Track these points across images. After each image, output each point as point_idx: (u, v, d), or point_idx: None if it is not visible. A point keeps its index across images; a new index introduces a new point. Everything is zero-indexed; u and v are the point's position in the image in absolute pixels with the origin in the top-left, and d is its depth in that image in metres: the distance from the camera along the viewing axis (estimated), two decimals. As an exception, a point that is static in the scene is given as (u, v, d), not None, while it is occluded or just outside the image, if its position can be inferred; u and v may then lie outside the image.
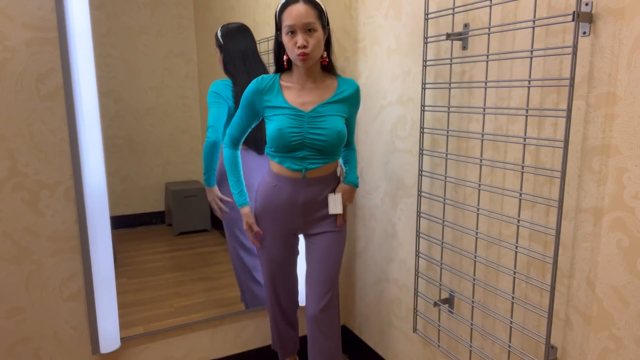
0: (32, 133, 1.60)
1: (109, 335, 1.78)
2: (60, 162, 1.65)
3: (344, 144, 1.62)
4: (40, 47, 1.57)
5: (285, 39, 1.48)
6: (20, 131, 1.58)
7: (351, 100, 1.62)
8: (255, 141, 1.90)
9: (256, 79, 1.58)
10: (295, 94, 1.56)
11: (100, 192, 1.67)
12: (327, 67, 1.60)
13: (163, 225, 2.00)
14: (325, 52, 1.55)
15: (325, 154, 1.59)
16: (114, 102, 1.78)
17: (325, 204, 1.65)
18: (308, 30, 1.45)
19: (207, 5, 1.89)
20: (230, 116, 1.84)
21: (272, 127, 1.54)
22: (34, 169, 1.62)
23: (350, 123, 1.68)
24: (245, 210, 1.67)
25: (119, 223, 1.84)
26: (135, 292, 1.91)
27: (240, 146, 1.69)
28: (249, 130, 1.66)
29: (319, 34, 1.47)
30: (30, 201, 1.62)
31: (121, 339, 1.82)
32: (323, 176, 1.62)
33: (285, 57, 1.56)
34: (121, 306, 1.81)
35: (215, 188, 1.92)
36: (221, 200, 1.93)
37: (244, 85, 1.74)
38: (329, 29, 1.55)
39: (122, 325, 1.83)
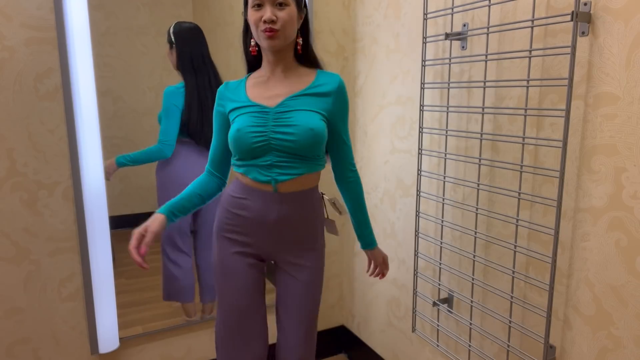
0: (30, 133, 1.60)
1: (108, 335, 1.78)
2: (58, 162, 1.65)
3: (321, 148, 1.30)
4: (39, 46, 1.57)
5: (250, 13, 1.22)
6: (19, 131, 1.58)
7: (333, 98, 1.30)
8: (201, 133, 1.88)
9: (220, 87, 1.36)
10: (262, 89, 1.30)
11: (99, 192, 1.67)
12: (305, 58, 1.34)
13: (162, 225, 2.00)
14: (301, 38, 1.30)
15: (299, 160, 1.28)
16: (113, 102, 1.78)
17: (302, 228, 1.35)
18: (278, 4, 1.20)
19: (205, 4, 1.89)
20: (181, 123, 1.86)
21: (231, 130, 1.28)
22: (33, 169, 1.61)
23: (338, 130, 1.34)
24: (159, 217, 1.28)
25: (118, 223, 1.84)
26: (134, 292, 1.90)
27: (217, 172, 1.40)
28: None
29: (292, 9, 1.22)
30: (29, 201, 1.62)
31: (120, 339, 1.82)
32: (300, 192, 1.31)
33: (252, 42, 1.30)
34: (120, 306, 1.81)
35: (115, 166, 1.83)
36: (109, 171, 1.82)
37: (191, 87, 1.81)
38: (306, 12, 1.30)
39: (121, 325, 1.82)
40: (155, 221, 1.27)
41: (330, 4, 2.06)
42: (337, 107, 1.31)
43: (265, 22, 1.19)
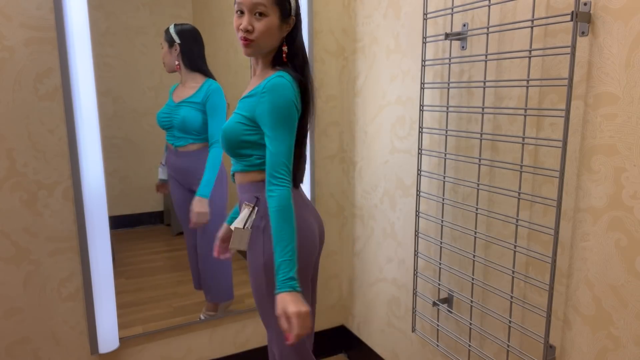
0: (30, 133, 1.60)
1: (108, 335, 1.78)
2: (58, 162, 1.65)
3: (236, 149, 1.28)
4: (39, 46, 1.57)
5: (234, 17, 1.25)
6: (19, 131, 1.58)
7: (256, 99, 1.24)
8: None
9: None
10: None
11: (98, 192, 1.67)
12: (288, 62, 1.30)
13: (162, 225, 2.00)
14: (287, 47, 1.28)
15: (233, 157, 1.34)
16: (113, 102, 1.78)
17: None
18: (258, 13, 1.21)
19: (205, 4, 1.89)
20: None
21: None
22: (33, 169, 1.61)
23: (264, 133, 1.24)
24: (224, 226, 1.53)
25: (118, 223, 1.84)
26: (134, 292, 1.90)
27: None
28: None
29: (272, 20, 1.21)
30: (29, 201, 1.62)
31: (120, 339, 1.82)
32: (240, 185, 1.36)
33: None
34: (120, 306, 1.81)
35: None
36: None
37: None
38: (294, 21, 1.28)
39: (121, 325, 1.83)
40: (221, 229, 1.54)
41: (330, 4, 2.06)
42: (260, 109, 1.23)
43: (241, 30, 1.22)
